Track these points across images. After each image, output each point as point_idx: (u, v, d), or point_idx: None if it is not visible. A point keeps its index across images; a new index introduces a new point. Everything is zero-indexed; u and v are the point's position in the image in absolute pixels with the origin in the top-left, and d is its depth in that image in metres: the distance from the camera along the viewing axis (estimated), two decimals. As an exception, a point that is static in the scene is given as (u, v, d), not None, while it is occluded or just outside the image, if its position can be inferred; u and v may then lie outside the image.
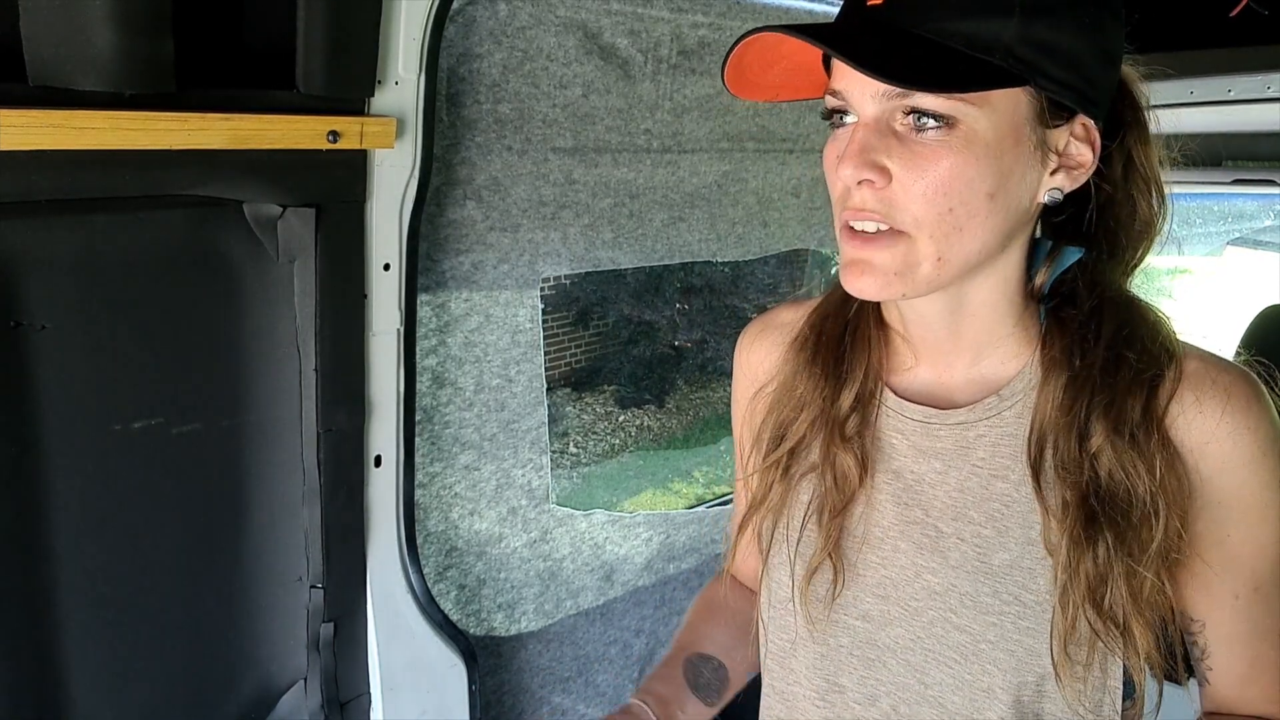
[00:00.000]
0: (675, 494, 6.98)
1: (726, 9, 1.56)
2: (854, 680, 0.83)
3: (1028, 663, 0.75)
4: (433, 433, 1.48)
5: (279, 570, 1.26)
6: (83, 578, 1.08)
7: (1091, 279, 0.78)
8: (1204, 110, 1.74)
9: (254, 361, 1.18)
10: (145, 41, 0.92)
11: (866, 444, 0.83)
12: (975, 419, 0.80)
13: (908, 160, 0.69)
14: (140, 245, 1.06)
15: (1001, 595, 0.76)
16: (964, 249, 0.72)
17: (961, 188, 0.69)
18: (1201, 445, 0.74)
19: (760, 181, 1.84)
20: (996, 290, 0.78)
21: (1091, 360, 0.75)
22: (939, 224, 0.70)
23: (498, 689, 1.66)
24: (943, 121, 0.68)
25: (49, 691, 1.08)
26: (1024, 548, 0.76)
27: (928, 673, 0.79)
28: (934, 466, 0.81)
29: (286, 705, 1.31)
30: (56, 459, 1.04)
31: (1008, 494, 0.78)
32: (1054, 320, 0.78)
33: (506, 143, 1.42)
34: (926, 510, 0.80)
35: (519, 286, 1.54)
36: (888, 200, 0.70)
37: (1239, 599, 0.77)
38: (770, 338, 0.95)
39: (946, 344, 0.81)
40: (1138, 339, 0.76)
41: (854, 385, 0.84)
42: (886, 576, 0.81)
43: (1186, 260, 9.41)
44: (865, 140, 0.70)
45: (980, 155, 0.69)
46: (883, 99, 0.69)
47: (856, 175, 0.70)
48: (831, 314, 0.88)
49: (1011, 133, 0.70)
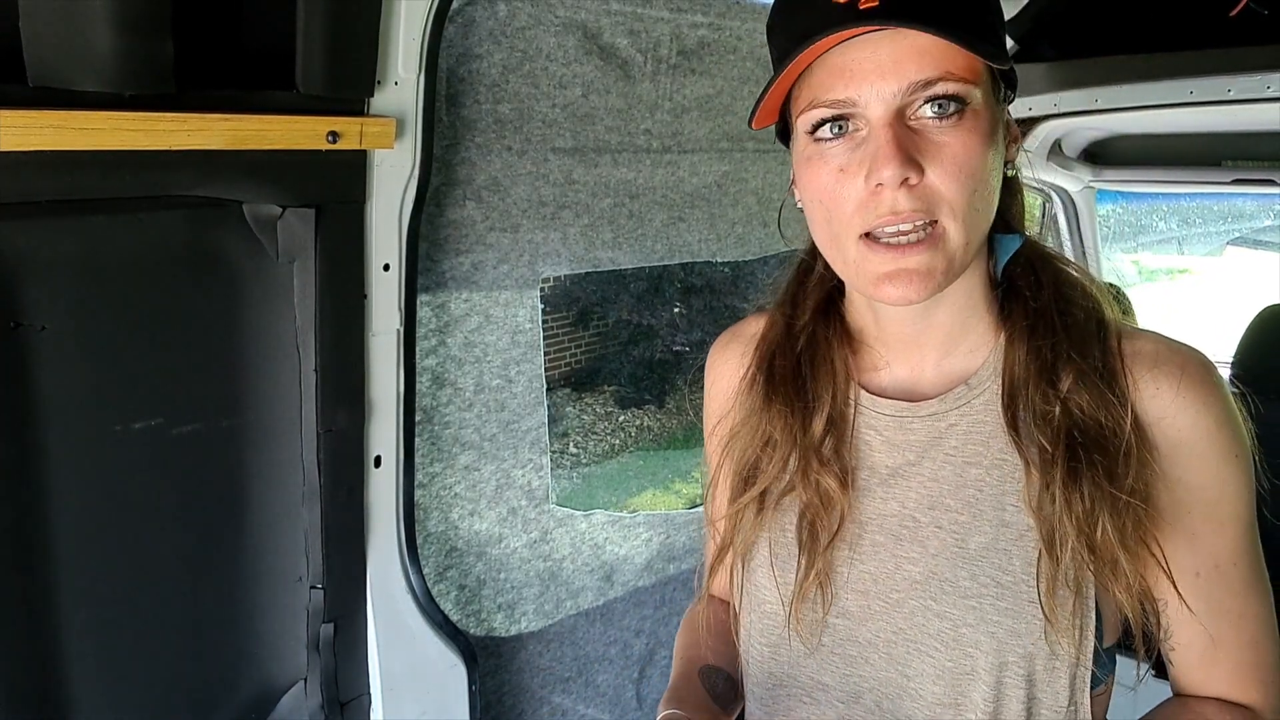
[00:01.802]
0: (675, 494, 6.98)
1: (726, 9, 1.56)
2: (836, 678, 0.83)
3: (1008, 644, 0.76)
4: (432, 433, 1.48)
5: (279, 570, 1.26)
6: (83, 577, 1.08)
7: (1029, 256, 0.82)
8: (1204, 110, 1.75)
9: (254, 361, 1.18)
10: (145, 42, 0.92)
11: (844, 459, 0.84)
12: (946, 409, 0.81)
13: (934, 151, 0.70)
14: (140, 246, 1.06)
15: (979, 578, 0.77)
16: (980, 230, 0.75)
17: (978, 167, 0.71)
18: (1159, 421, 0.76)
19: (760, 181, 1.84)
20: (969, 277, 0.80)
21: (1044, 305, 0.79)
22: (966, 208, 0.72)
23: (498, 689, 1.66)
24: (962, 104, 0.70)
25: (49, 691, 1.08)
26: (998, 529, 0.77)
27: (909, 664, 0.80)
28: (908, 459, 0.82)
29: (286, 705, 1.31)
30: (57, 459, 1.04)
31: (980, 479, 0.79)
32: (1011, 300, 0.81)
33: (506, 143, 1.42)
34: (903, 502, 0.81)
35: (519, 287, 1.54)
36: (924, 196, 0.71)
37: (1199, 576, 0.78)
38: (736, 349, 0.95)
39: (921, 338, 0.83)
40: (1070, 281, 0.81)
41: (823, 410, 0.84)
42: (866, 572, 0.82)
43: (1186, 260, 9.41)
44: (900, 137, 0.70)
45: (985, 134, 0.72)
46: (903, 95, 0.70)
47: (902, 174, 0.69)
48: (777, 349, 0.88)
49: (991, 109, 0.73)
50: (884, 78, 0.70)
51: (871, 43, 0.70)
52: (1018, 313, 0.80)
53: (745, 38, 1.63)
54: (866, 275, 0.74)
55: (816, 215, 0.77)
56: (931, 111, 0.70)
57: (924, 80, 0.69)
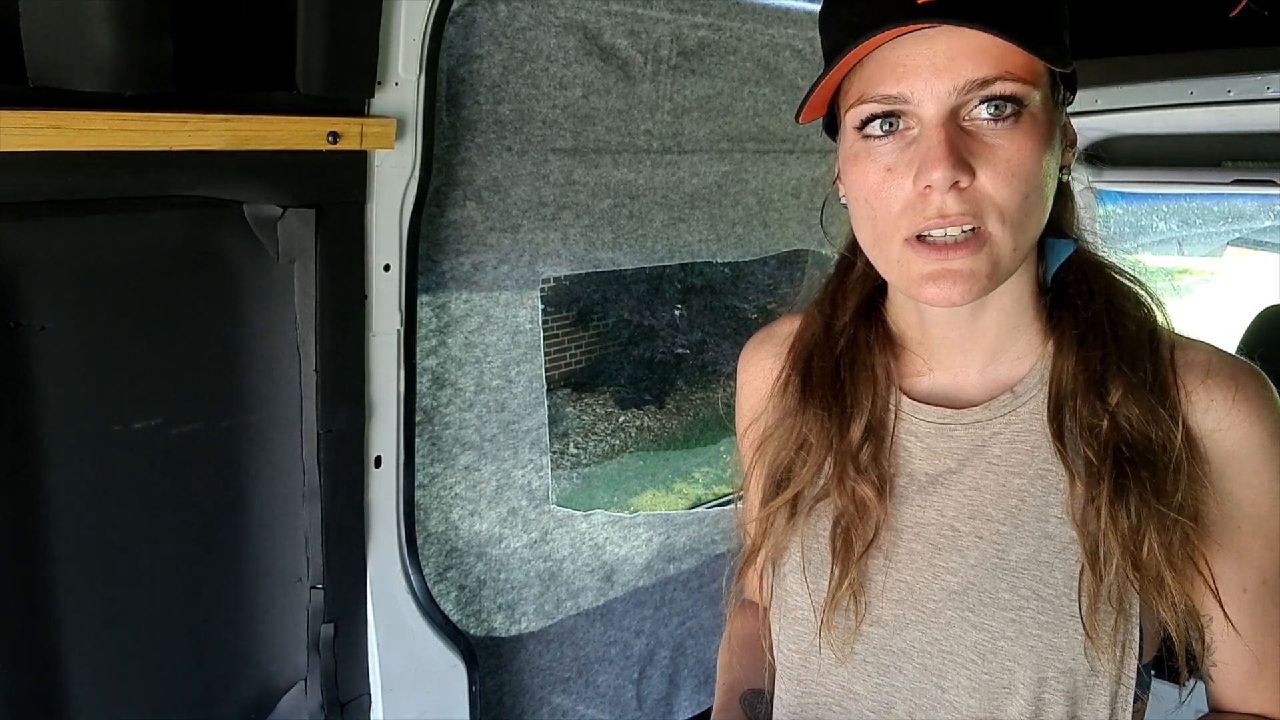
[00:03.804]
0: (675, 494, 6.98)
1: (727, 9, 1.56)
2: (869, 688, 0.82)
3: (1047, 658, 0.74)
4: (433, 433, 1.48)
5: (279, 570, 1.26)
6: (83, 578, 1.08)
7: (1081, 263, 0.80)
8: (1204, 110, 1.75)
9: (254, 362, 1.18)
10: (145, 42, 0.92)
11: (882, 467, 0.82)
12: (990, 417, 0.79)
13: (987, 154, 0.68)
14: (140, 246, 1.06)
15: (1020, 590, 0.76)
16: (1030, 235, 0.73)
17: (1033, 172, 0.69)
18: (1212, 433, 0.74)
19: (760, 182, 1.84)
20: (1017, 282, 0.78)
21: (1096, 314, 0.77)
22: (1017, 213, 0.70)
23: (498, 689, 1.66)
24: (1019, 106, 0.68)
25: (49, 691, 1.08)
26: (1040, 541, 0.76)
27: (945, 675, 0.78)
28: (949, 466, 0.80)
29: (286, 706, 1.31)
30: (57, 459, 1.04)
31: (1024, 489, 0.77)
32: (1060, 307, 0.79)
33: (506, 143, 1.42)
34: (942, 511, 0.80)
35: (519, 287, 1.54)
36: (974, 200, 0.69)
37: (1246, 592, 0.77)
38: (769, 350, 0.93)
39: (966, 343, 0.81)
40: (1123, 291, 0.79)
41: (862, 416, 0.82)
42: (902, 581, 0.80)
43: (1186, 260, 9.40)
44: (952, 138, 0.67)
45: (1042, 137, 0.70)
46: (958, 94, 0.68)
47: (952, 176, 0.67)
48: (815, 349, 0.86)
49: (1049, 113, 0.71)
50: (939, 75, 0.67)
51: (928, 38, 0.68)
52: (1067, 321, 0.78)
53: (746, 38, 1.63)
54: (910, 275, 0.72)
55: (861, 214, 0.75)
56: (987, 113, 0.68)
57: (981, 79, 0.67)
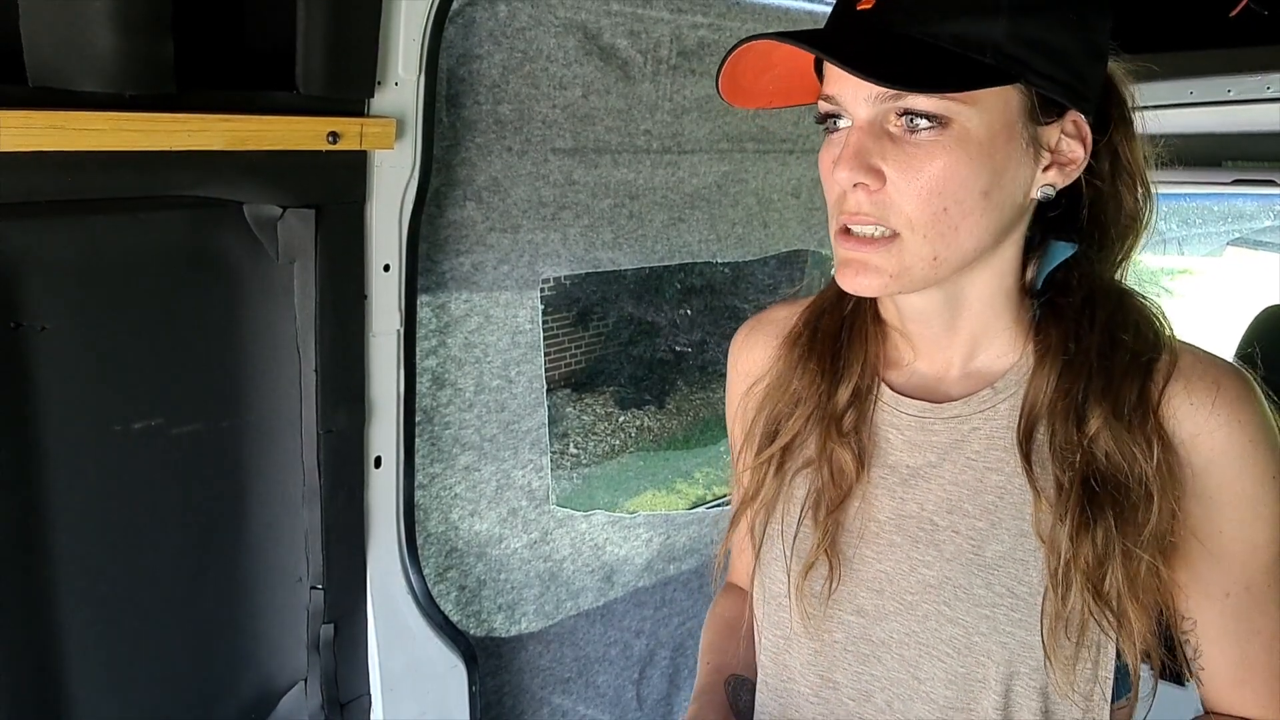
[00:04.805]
0: (675, 495, 6.97)
1: (726, 9, 1.56)
2: (848, 676, 0.83)
3: (1020, 654, 0.75)
4: (433, 434, 1.48)
5: (279, 571, 1.26)
6: (83, 578, 1.08)
7: (1083, 272, 0.80)
8: (1204, 110, 1.74)
9: (254, 362, 1.18)
10: (145, 42, 0.92)
11: (863, 439, 0.84)
12: (970, 412, 0.80)
13: (902, 162, 0.70)
14: (140, 246, 1.06)
15: (994, 587, 0.77)
16: (960, 247, 0.73)
17: (956, 187, 0.70)
18: (1193, 438, 0.74)
19: (760, 182, 1.84)
20: (992, 285, 0.79)
21: (1087, 346, 0.76)
22: (934, 224, 0.71)
23: (498, 690, 1.66)
24: (936, 121, 0.69)
25: (49, 691, 1.08)
26: (1017, 539, 0.77)
27: (921, 666, 0.79)
28: (929, 460, 0.81)
29: (286, 706, 1.31)
30: (57, 459, 1.04)
31: (1001, 486, 0.78)
32: (1048, 312, 0.79)
33: (506, 143, 1.42)
34: (921, 504, 0.81)
35: (519, 287, 1.54)
36: (882, 203, 0.71)
37: (1230, 597, 0.77)
38: (763, 334, 0.95)
39: (943, 338, 0.82)
40: (1131, 324, 0.77)
41: (850, 380, 0.84)
42: (882, 571, 0.82)
43: (1186, 260, 9.41)
44: (860, 143, 0.71)
45: (974, 154, 0.70)
46: (876, 101, 0.70)
47: (851, 178, 0.71)
48: (827, 310, 0.89)
49: (1004, 130, 0.71)
50: (860, 84, 0.70)
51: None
52: (1054, 336, 0.77)
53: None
54: (836, 261, 0.76)
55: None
56: (905, 124, 0.70)
57: (892, 93, 0.69)
